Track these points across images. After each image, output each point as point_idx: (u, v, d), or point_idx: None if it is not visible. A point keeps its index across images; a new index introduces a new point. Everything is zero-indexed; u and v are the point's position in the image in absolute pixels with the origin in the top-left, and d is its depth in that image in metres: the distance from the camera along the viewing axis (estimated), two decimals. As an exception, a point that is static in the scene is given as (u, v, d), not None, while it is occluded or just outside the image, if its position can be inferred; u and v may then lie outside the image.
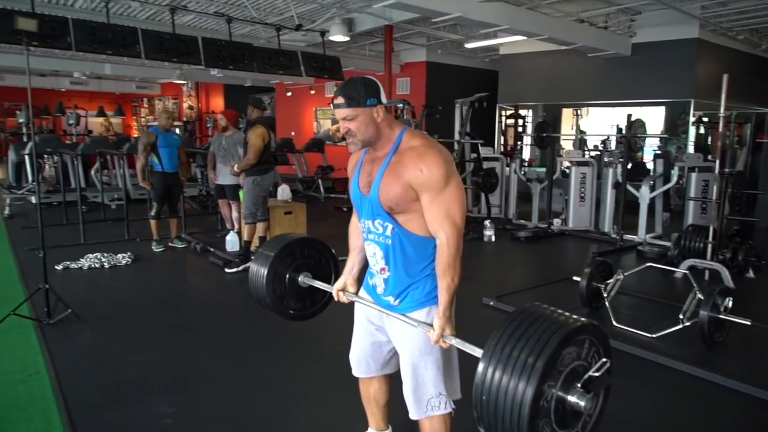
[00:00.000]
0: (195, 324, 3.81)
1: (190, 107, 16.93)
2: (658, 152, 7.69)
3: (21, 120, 10.24)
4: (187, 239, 6.09)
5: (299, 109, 14.62)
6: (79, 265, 5.02)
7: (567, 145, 10.45)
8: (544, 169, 7.94)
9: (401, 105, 9.94)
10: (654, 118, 9.56)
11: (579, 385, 1.29)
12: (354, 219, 1.95)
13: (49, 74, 15.96)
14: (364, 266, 1.94)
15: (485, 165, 7.86)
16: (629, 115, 6.23)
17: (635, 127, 6.33)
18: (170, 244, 5.94)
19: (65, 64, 13.64)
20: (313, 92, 13.88)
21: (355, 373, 2.00)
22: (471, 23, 8.11)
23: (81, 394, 2.66)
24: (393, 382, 1.96)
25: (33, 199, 8.61)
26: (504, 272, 5.64)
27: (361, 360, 1.97)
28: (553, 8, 7.84)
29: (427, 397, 1.75)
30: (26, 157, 8.79)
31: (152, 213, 5.76)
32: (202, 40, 8.16)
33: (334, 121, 14.10)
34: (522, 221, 7.66)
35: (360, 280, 1.95)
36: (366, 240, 1.81)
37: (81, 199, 7.70)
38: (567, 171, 7.67)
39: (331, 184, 11.20)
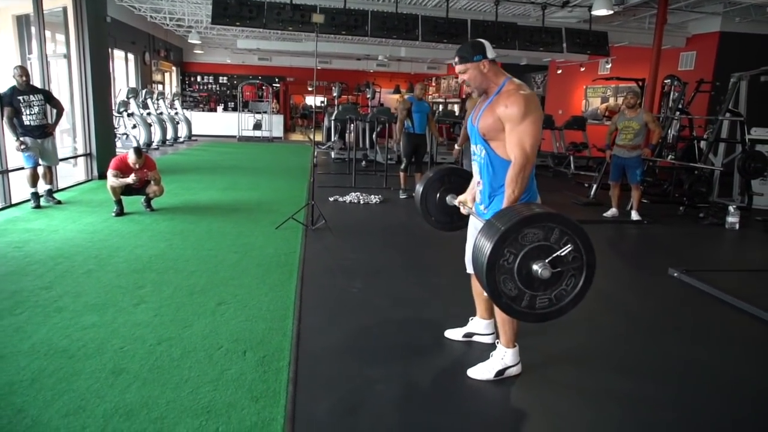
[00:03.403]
0: (400, 243, 4.91)
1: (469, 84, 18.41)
2: None
3: (335, 94, 13.09)
4: (427, 192, 7.28)
5: (569, 87, 14.50)
6: (344, 200, 6.68)
7: None
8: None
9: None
10: None
11: (547, 261, 1.75)
12: None
13: (363, 58, 19.48)
14: None
15: (758, 148, 6.85)
16: None
17: None
18: (413, 194, 7.20)
19: (372, 49, 16.53)
20: (583, 69, 13.61)
21: (468, 270, 2.66)
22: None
23: (312, 268, 3.96)
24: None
25: (332, 154, 11.18)
26: (717, 255, 5.25)
27: (470, 259, 2.62)
28: None
29: None
30: (332, 123, 11.38)
31: (402, 167, 7.10)
32: (470, 23, 9.13)
33: (604, 100, 13.58)
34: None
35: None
36: (472, 161, 2.45)
37: (363, 157, 9.73)
38: None
39: (586, 162, 11.03)
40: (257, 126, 16.06)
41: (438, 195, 2.88)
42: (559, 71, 14.51)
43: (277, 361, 2.49)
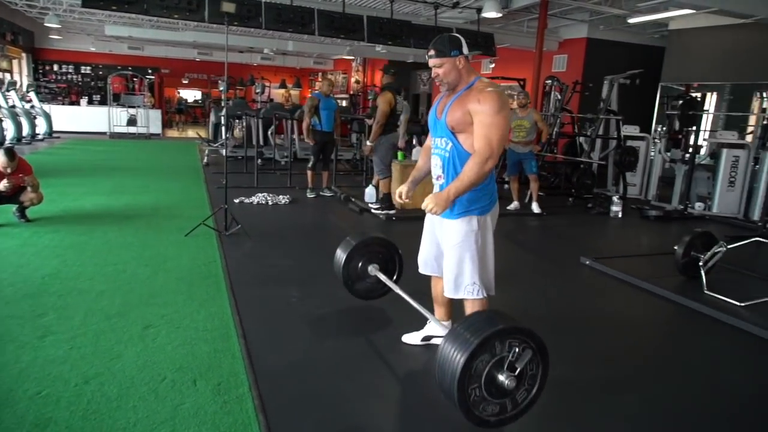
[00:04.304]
0: (324, 245, 4.66)
1: (357, 81, 18.45)
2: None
3: (221, 89, 12.35)
4: (334, 190, 7.14)
5: (454, 85, 15.11)
6: (251, 201, 6.31)
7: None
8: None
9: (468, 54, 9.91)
10: None
11: (506, 369, 1.83)
12: (427, 143, 2.51)
13: (246, 51, 18.64)
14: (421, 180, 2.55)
15: (629, 144, 7.68)
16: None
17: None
18: (321, 192, 7.03)
19: (258, 41, 15.86)
20: (467, 68, 14.27)
21: (421, 270, 2.60)
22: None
23: (240, 278, 3.66)
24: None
25: (224, 152, 10.53)
26: (614, 242, 5.79)
27: (427, 260, 2.57)
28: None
29: (465, 283, 2.30)
30: (221, 119, 10.71)
31: (309, 165, 6.88)
32: (366, 19, 9.08)
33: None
34: (662, 204, 7.37)
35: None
36: (432, 154, 2.40)
37: (258, 155, 9.30)
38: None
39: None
40: (132, 122, 14.68)
41: (360, 264, 3.05)
42: (445, 69, 15.06)
43: (236, 388, 2.24)
